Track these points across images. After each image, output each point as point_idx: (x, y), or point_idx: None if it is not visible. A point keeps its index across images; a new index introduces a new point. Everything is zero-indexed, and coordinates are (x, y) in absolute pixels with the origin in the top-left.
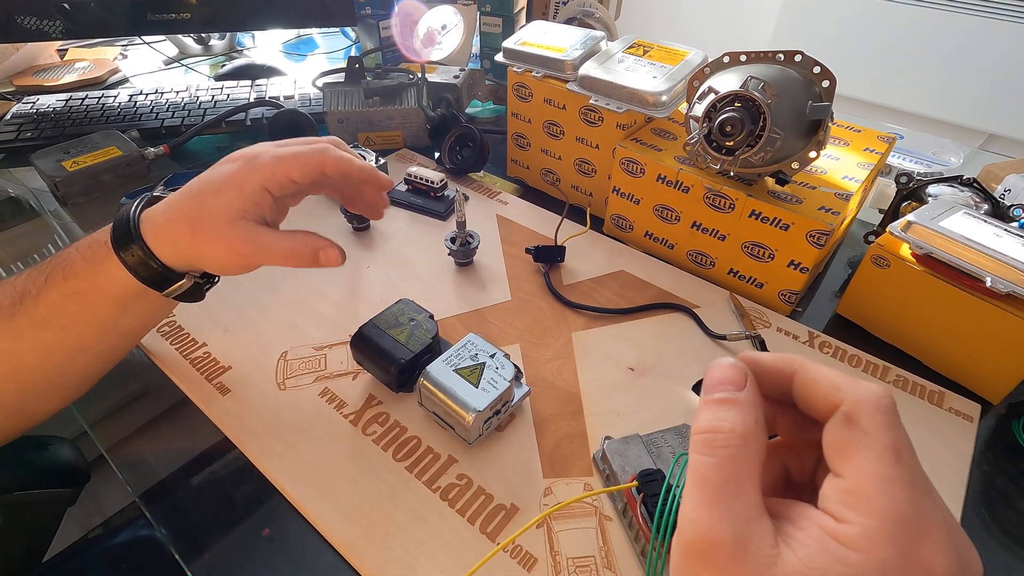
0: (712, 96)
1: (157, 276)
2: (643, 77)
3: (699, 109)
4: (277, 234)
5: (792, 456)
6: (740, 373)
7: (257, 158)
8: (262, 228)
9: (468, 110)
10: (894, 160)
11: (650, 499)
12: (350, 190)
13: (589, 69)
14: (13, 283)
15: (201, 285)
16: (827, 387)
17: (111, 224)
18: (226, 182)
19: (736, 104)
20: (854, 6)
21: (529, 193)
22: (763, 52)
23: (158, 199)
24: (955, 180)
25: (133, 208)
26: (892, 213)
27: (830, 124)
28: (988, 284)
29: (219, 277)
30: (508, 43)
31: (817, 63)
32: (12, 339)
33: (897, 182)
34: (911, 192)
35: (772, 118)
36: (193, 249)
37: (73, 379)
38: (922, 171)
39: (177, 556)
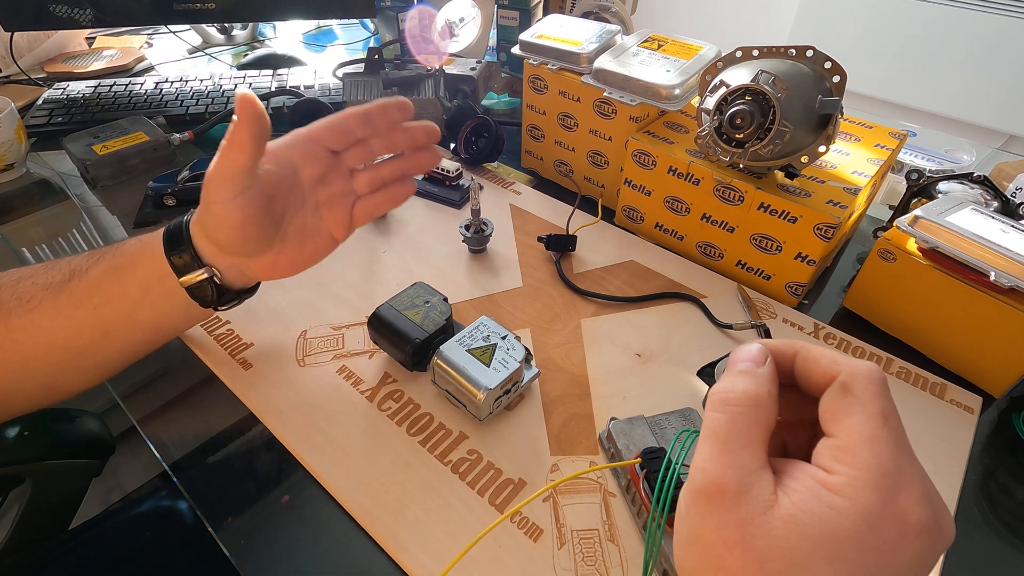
0: (723, 89)
1: (179, 246)
2: (657, 71)
3: (710, 102)
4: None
5: (790, 434)
6: (762, 354)
7: None
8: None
9: (484, 102)
10: (906, 157)
11: (653, 475)
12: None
13: (604, 62)
14: (69, 261)
15: (220, 289)
16: (826, 362)
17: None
18: None
19: (747, 97)
20: (874, 3)
21: (542, 184)
22: (775, 47)
23: None
24: (966, 177)
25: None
26: (902, 209)
27: (840, 119)
28: (992, 278)
29: (235, 296)
30: (524, 36)
31: (828, 58)
32: (52, 316)
33: (908, 179)
34: (921, 189)
35: (781, 112)
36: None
37: (97, 362)
38: (934, 168)
39: (204, 520)
